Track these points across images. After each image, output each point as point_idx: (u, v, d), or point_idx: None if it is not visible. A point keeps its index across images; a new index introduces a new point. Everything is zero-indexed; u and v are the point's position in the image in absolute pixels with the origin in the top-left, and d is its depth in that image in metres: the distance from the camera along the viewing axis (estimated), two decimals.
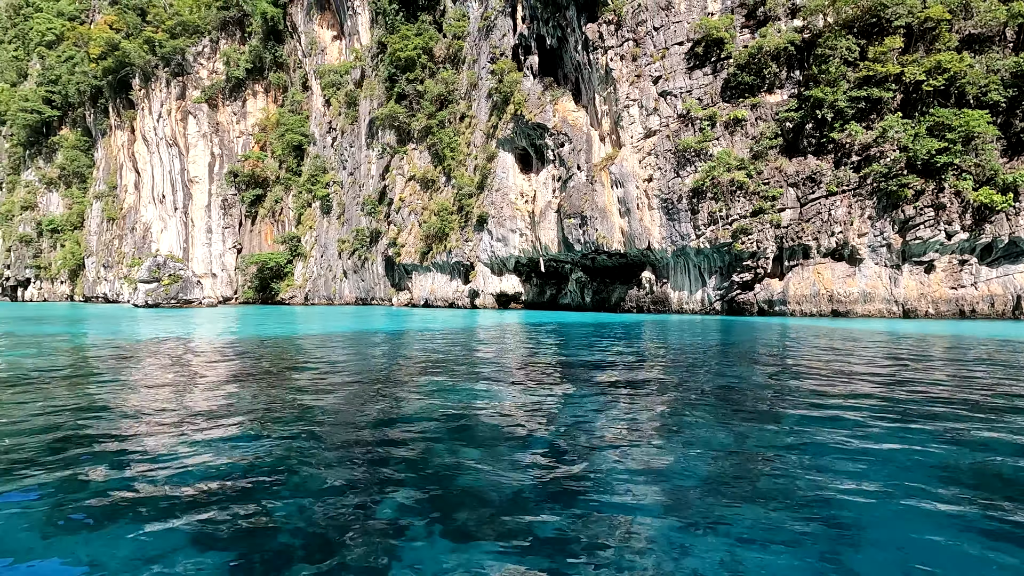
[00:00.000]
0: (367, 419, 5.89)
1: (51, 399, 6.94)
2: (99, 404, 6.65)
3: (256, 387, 7.85)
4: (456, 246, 40.73)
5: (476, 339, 16.16)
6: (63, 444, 4.90)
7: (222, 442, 4.93)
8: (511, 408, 6.42)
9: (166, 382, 8.47)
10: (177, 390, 7.69)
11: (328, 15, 57.41)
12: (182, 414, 6.11)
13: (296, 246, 55.32)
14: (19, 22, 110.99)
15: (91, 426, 5.54)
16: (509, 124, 37.36)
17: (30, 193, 79.52)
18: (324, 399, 6.98)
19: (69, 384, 8.22)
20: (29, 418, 5.91)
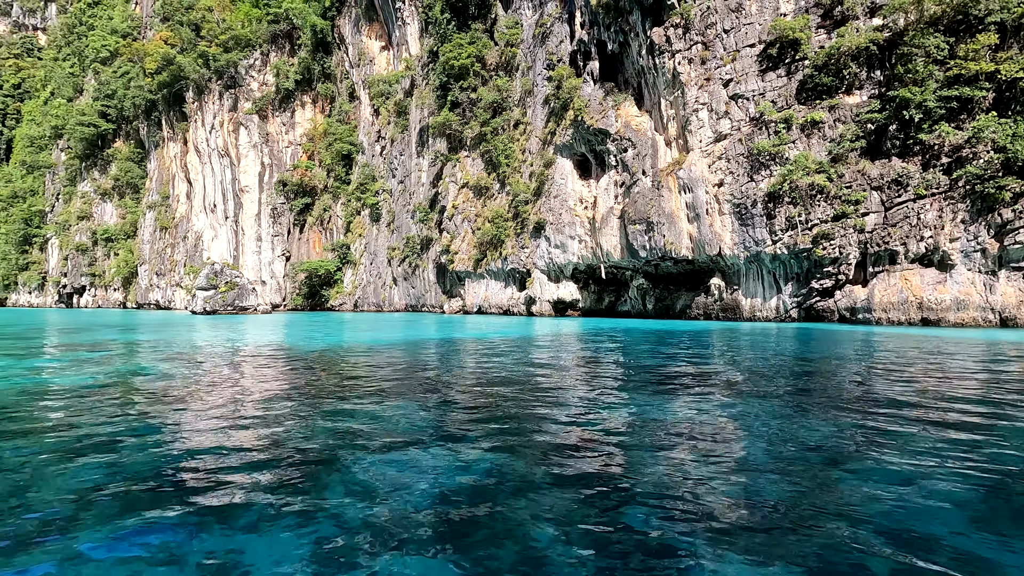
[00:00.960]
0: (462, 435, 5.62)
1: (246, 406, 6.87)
2: (279, 413, 6.55)
3: (400, 399, 7.67)
4: (512, 253, 40.60)
5: (541, 348, 15.84)
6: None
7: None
8: (598, 437, 5.50)
9: (324, 389, 8.37)
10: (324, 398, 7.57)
11: (376, 26, 58.30)
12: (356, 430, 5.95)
13: (345, 254, 55.99)
14: (72, 40, 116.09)
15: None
16: (568, 130, 37.17)
17: (86, 203, 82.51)
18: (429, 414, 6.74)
19: (244, 391, 8.18)
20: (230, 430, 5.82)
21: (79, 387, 8.74)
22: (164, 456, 4.88)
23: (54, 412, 6.81)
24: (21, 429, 5.97)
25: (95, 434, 5.65)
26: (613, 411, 6.73)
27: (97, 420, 6.29)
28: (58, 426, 6.01)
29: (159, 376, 9.99)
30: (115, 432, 5.72)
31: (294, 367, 11.52)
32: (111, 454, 4.96)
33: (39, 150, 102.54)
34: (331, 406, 7.04)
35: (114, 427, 5.94)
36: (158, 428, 5.90)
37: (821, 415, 6.43)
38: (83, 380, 9.53)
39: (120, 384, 9.09)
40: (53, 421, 6.29)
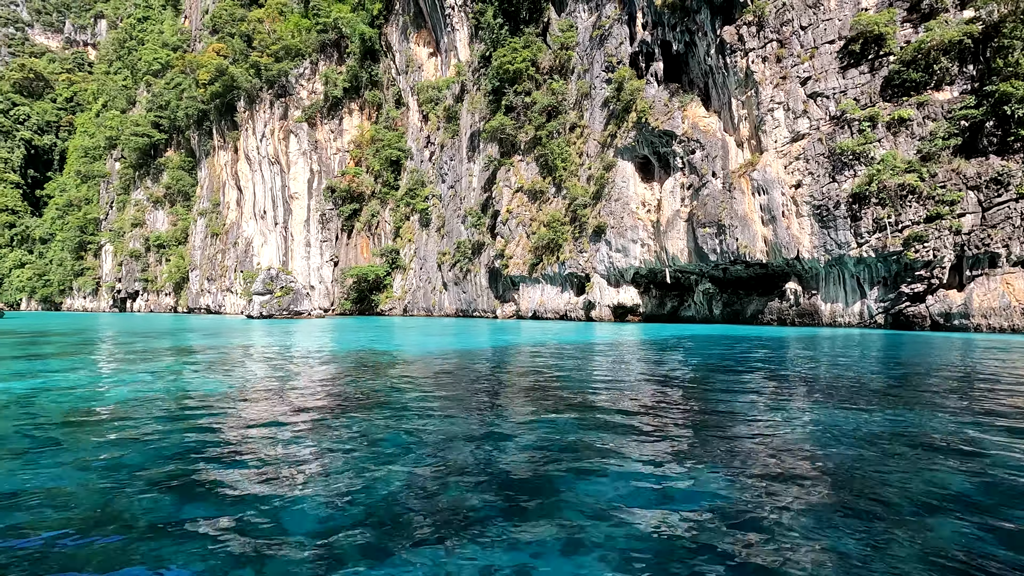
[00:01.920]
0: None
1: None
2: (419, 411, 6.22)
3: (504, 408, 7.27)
4: (570, 257, 40.16)
5: (607, 356, 15.28)
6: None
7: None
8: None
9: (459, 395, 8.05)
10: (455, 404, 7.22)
11: (424, 33, 58.78)
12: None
13: (395, 259, 56.38)
14: (124, 55, 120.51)
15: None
16: (630, 132, 36.63)
17: (139, 211, 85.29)
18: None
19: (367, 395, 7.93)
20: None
21: (236, 393, 8.63)
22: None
23: (256, 426, 6.65)
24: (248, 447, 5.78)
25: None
26: (729, 437, 5.80)
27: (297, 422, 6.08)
28: (255, 425, 5.82)
29: (296, 381, 9.86)
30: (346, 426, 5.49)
31: (419, 374, 11.29)
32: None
33: (93, 160, 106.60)
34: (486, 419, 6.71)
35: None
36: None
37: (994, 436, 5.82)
38: (221, 388, 9.45)
39: (277, 390, 8.97)
40: (250, 424, 6.11)
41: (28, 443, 5.64)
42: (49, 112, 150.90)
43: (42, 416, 6.99)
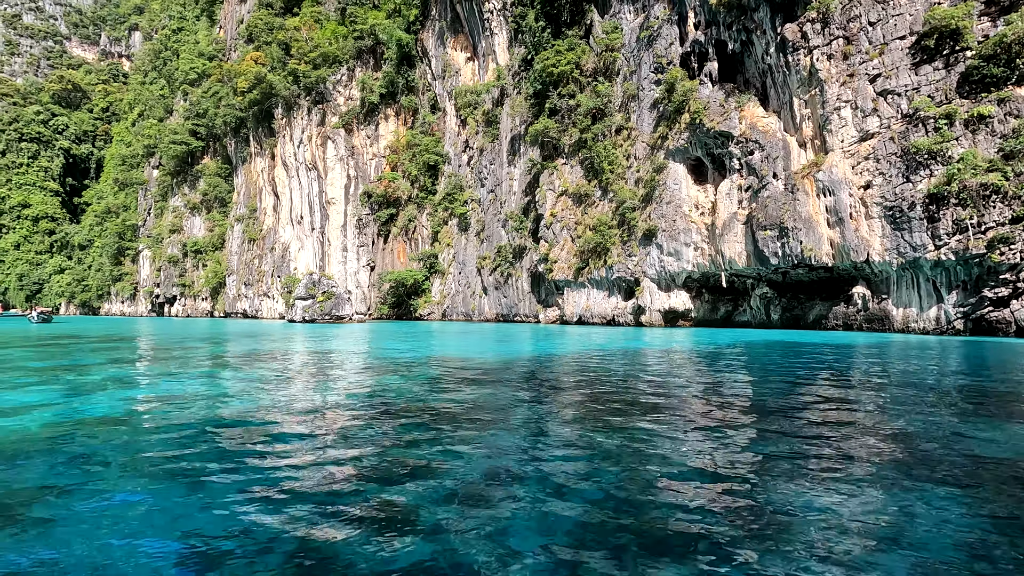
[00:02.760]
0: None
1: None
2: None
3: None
4: (618, 261, 39.54)
5: (668, 366, 14.60)
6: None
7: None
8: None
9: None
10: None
11: (461, 38, 58.84)
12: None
13: (433, 263, 56.31)
14: (159, 65, 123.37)
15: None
16: (683, 134, 35.97)
17: (176, 217, 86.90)
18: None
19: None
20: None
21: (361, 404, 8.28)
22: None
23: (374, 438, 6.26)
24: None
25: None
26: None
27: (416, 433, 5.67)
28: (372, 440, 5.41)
29: (388, 392, 9.50)
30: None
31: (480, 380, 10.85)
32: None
33: (131, 168, 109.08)
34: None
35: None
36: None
37: None
38: (350, 396, 9.12)
39: (374, 399, 8.60)
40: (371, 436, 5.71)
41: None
42: (86, 122, 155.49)
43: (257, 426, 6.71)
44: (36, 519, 3.86)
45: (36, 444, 5.99)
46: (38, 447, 5.86)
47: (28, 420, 7.24)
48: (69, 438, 6.24)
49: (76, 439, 6.20)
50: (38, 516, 3.91)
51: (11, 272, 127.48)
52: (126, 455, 5.53)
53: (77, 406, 8.28)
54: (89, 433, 6.49)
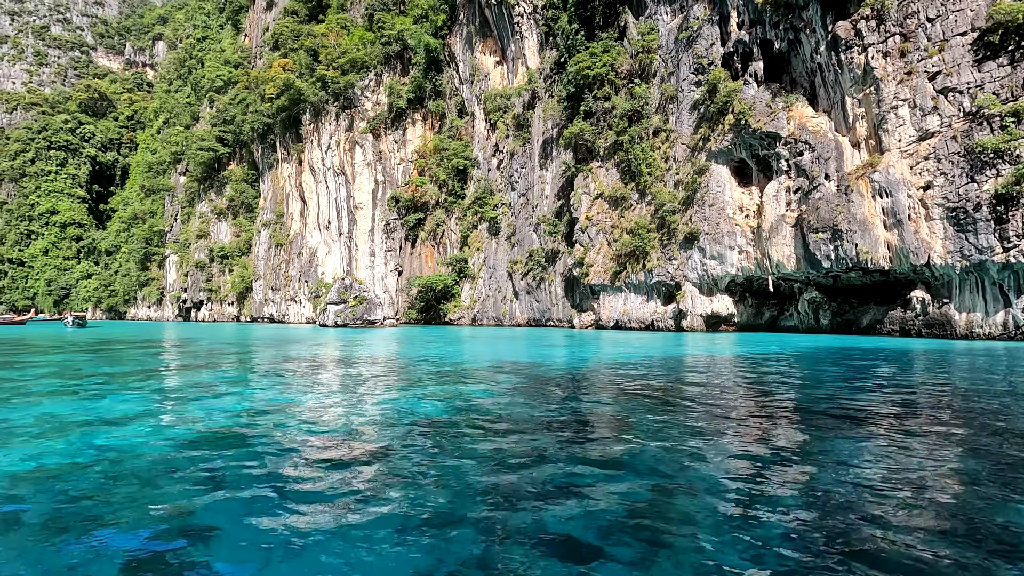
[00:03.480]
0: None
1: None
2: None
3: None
4: (658, 265, 38.91)
5: (731, 375, 13.91)
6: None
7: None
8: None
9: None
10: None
11: (490, 42, 58.75)
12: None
13: (463, 268, 56.04)
14: (184, 73, 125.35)
15: None
16: (726, 135, 35.32)
17: (203, 223, 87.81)
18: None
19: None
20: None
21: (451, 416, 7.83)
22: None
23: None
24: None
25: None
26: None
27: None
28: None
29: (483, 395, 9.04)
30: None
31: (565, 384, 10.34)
32: None
33: (157, 175, 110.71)
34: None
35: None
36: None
37: None
38: (433, 408, 8.68)
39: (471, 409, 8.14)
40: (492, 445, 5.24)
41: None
42: (111, 130, 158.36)
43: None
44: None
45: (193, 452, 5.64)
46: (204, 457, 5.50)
47: (152, 430, 6.92)
48: (235, 445, 5.88)
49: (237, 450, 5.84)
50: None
51: (40, 277, 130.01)
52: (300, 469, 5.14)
53: (186, 414, 7.96)
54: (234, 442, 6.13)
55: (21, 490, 4.64)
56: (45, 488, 4.67)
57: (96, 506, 4.22)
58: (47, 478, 4.94)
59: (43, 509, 4.19)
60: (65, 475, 5.02)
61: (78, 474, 5.04)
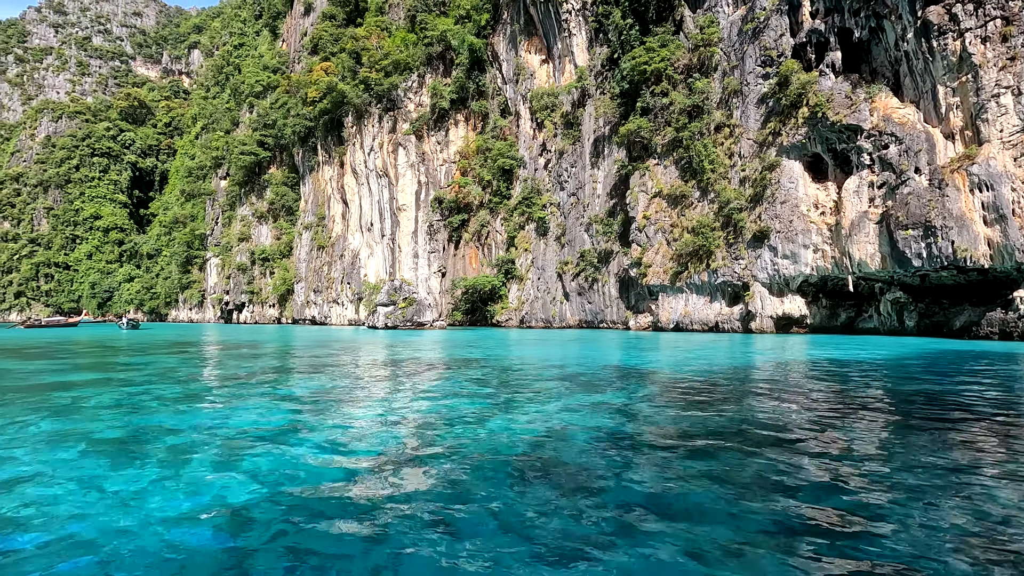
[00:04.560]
0: None
1: None
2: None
3: None
4: (723, 265, 37.58)
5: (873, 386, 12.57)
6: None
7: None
8: None
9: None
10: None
11: (536, 40, 58.04)
12: None
13: (510, 269, 55.34)
14: (221, 80, 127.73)
15: None
16: (800, 129, 33.89)
17: (244, 226, 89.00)
18: None
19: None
20: None
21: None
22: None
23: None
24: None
25: None
26: None
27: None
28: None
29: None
30: None
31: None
32: None
33: (197, 179, 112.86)
34: None
35: None
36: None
37: None
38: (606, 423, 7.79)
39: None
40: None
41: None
42: (150, 137, 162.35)
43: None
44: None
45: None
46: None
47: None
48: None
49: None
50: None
51: (84, 280, 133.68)
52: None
53: (340, 426, 7.27)
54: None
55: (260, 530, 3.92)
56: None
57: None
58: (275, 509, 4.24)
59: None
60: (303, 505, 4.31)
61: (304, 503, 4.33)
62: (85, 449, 5.96)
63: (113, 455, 5.71)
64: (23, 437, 6.55)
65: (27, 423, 7.37)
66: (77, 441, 6.32)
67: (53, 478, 4.92)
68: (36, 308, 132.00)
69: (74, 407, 8.75)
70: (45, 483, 4.79)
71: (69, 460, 5.52)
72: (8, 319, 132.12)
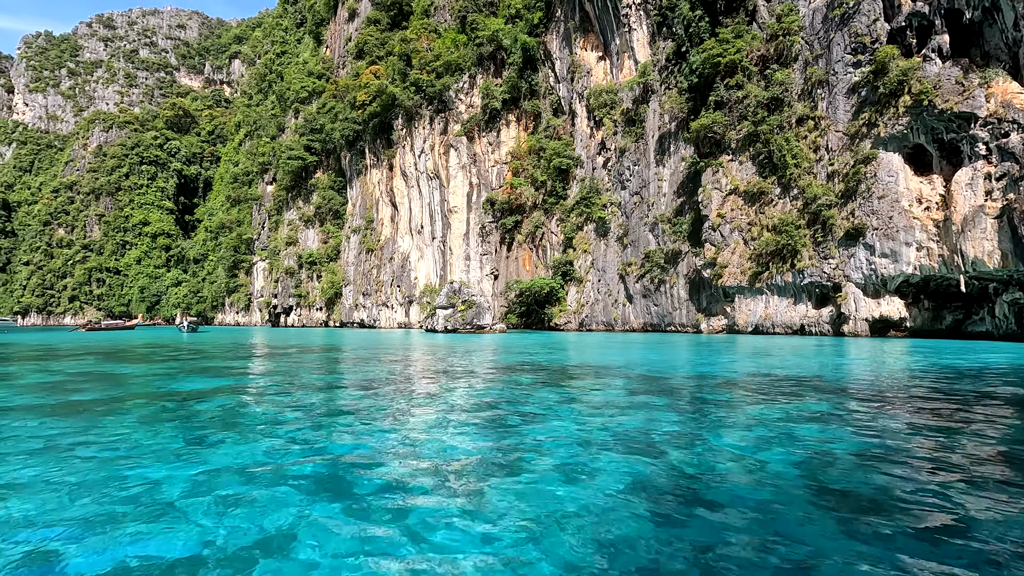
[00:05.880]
0: None
1: None
2: None
3: None
4: (810, 264, 35.55)
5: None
6: None
7: None
8: None
9: None
10: None
11: (591, 37, 56.76)
12: None
13: (568, 271, 53.98)
14: (264, 87, 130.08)
15: None
16: (901, 119, 31.74)
17: (292, 230, 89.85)
18: None
19: None
20: None
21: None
22: None
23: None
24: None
25: None
26: None
27: None
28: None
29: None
30: None
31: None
32: None
33: (242, 185, 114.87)
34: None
35: None
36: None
37: None
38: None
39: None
40: None
41: None
42: (194, 145, 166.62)
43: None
44: None
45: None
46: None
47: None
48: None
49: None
50: None
51: (133, 285, 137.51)
52: None
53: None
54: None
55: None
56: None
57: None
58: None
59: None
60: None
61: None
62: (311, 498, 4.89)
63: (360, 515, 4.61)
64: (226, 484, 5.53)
65: (204, 453, 6.40)
66: (297, 488, 5.26)
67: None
68: (88, 312, 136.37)
69: (247, 427, 7.80)
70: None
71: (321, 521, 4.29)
72: (62, 322, 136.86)
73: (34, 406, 8.97)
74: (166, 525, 3.83)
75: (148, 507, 4.17)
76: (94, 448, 5.99)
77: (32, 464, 5.36)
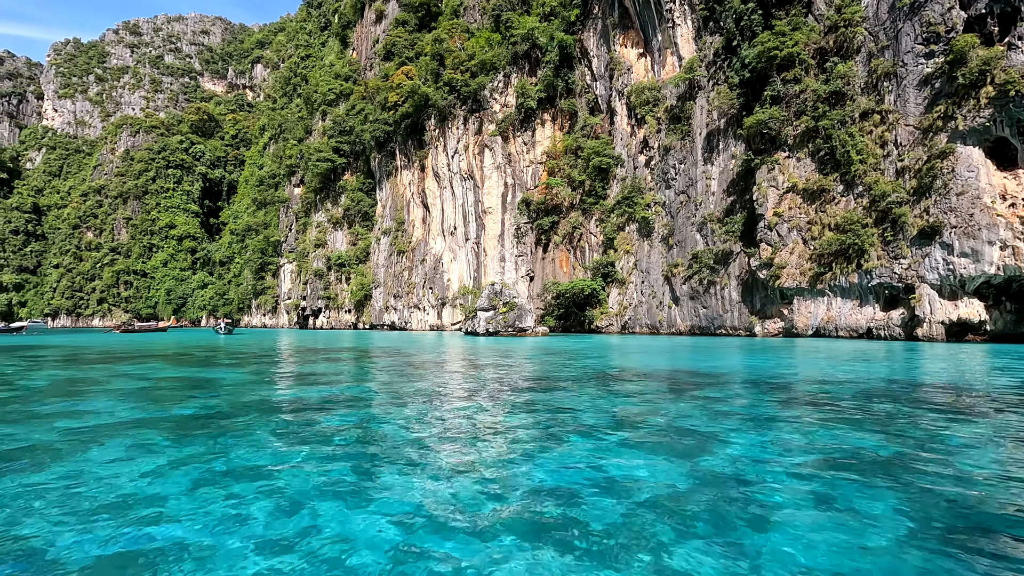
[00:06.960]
0: None
1: None
2: None
3: None
4: (879, 265, 33.93)
5: None
6: None
7: None
8: None
9: None
10: None
11: (632, 34, 55.52)
12: None
13: (609, 272, 52.71)
14: (289, 91, 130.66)
15: None
16: (982, 111, 30.11)
17: (320, 232, 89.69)
18: None
19: None
20: None
21: None
22: None
23: None
24: None
25: None
26: None
27: None
28: None
29: None
30: None
31: None
32: None
33: (269, 188, 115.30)
34: None
35: None
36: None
37: None
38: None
39: None
40: None
41: None
42: (218, 148, 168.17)
43: None
44: None
45: None
46: None
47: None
48: None
49: None
50: None
51: (160, 287, 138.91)
52: None
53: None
54: None
55: None
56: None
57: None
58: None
59: None
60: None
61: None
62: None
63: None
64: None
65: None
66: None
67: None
68: (116, 313, 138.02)
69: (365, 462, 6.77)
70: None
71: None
72: (91, 324, 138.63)
73: (152, 419, 8.07)
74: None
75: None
76: (262, 484, 5.00)
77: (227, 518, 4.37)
